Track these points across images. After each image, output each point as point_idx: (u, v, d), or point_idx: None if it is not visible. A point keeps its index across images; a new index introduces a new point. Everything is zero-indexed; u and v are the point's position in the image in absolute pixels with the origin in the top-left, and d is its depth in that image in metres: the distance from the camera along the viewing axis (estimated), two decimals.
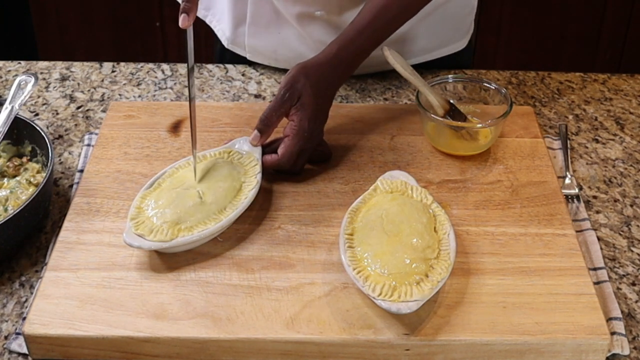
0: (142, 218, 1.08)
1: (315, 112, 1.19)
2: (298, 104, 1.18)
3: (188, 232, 1.07)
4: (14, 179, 1.17)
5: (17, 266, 1.11)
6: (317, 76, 1.19)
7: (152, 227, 1.06)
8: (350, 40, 1.22)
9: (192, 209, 1.09)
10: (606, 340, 0.98)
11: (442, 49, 1.48)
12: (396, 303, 0.96)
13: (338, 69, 1.22)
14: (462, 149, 1.25)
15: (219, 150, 1.19)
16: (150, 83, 1.46)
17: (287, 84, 1.18)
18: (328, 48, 1.22)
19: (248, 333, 0.98)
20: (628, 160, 1.30)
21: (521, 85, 1.47)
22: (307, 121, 1.18)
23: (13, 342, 1.01)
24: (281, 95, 1.18)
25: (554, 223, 1.13)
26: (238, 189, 1.14)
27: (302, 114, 1.18)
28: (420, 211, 1.07)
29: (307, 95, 1.18)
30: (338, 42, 1.22)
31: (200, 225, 1.08)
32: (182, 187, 1.12)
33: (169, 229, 1.06)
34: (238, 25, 1.46)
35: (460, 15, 1.48)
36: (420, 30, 1.44)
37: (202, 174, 1.14)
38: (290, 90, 1.17)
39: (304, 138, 1.18)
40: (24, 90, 1.25)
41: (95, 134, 1.32)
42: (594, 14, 2.70)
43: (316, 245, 1.10)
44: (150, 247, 1.05)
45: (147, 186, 1.13)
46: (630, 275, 1.11)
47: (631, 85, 1.47)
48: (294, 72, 1.19)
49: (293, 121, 1.18)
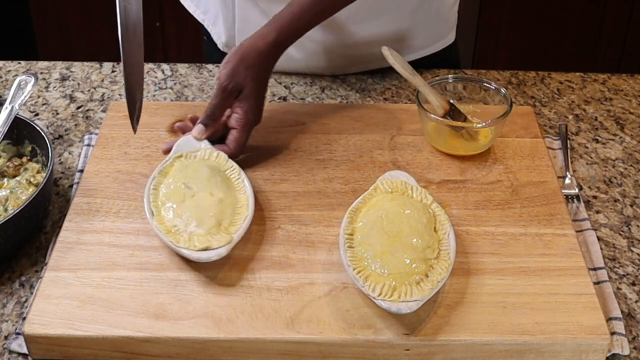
0: (185, 236, 1.06)
1: (257, 102, 1.21)
2: (241, 96, 1.20)
3: (233, 228, 1.08)
4: (14, 179, 1.17)
5: (17, 266, 1.11)
6: (257, 66, 1.20)
7: (205, 239, 1.05)
8: (288, 25, 1.22)
9: (215, 208, 1.09)
10: (606, 340, 0.98)
11: (432, 46, 1.48)
12: (396, 303, 0.96)
13: (276, 55, 1.23)
14: (462, 149, 1.25)
15: (169, 161, 1.17)
16: (150, 83, 1.46)
17: (228, 77, 1.18)
18: (266, 31, 1.21)
19: (248, 333, 0.98)
20: (628, 160, 1.30)
21: (521, 85, 1.47)
22: (252, 112, 1.20)
23: (13, 342, 1.01)
24: (223, 88, 1.18)
25: (554, 223, 1.13)
26: (227, 177, 1.15)
27: (246, 105, 1.20)
28: (420, 211, 1.07)
29: (249, 87, 1.19)
30: (276, 26, 1.22)
31: (234, 217, 1.09)
32: (188, 195, 1.11)
33: (217, 232, 1.06)
34: (229, 28, 1.46)
35: (444, 8, 1.48)
36: (409, 28, 1.43)
37: (183, 176, 1.14)
38: (233, 84, 1.18)
39: (250, 128, 1.21)
40: (24, 90, 1.25)
41: (95, 134, 1.32)
42: (594, 14, 2.70)
43: (316, 245, 1.10)
44: (220, 254, 1.04)
45: (149, 208, 1.10)
46: (630, 275, 1.11)
47: (631, 85, 1.47)
48: (233, 63, 1.19)
49: (237, 113, 1.20)
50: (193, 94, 1.43)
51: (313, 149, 1.26)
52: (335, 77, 1.47)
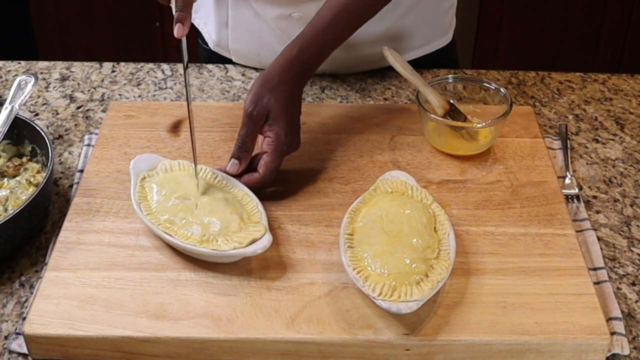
0: (221, 239, 1.05)
1: (289, 124, 1.16)
2: (270, 120, 1.15)
3: (254, 217, 1.08)
4: (14, 179, 1.17)
5: (17, 266, 1.11)
6: (281, 85, 1.16)
7: (245, 234, 1.05)
8: (311, 42, 1.19)
9: (228, 206, 1.09)
10: (606, 340, 0.98)
11: (426, 47, 1.48)
12: (396, 303, 0.96)
13: (300, 72, 1.19)
14: (462, 149, 1.25)
15: (137, 186, 1.13)
16: (150, 83, 1.46)
17: (252, 103, 1.14)
18: (287, 51, 1.19)
19: (248, 333, 0.98)
20: (628, 160, 1.30)
21: (521, 85, 1.47)
22: (284, 135, 1.15)
23: (13, 342, 1.01)
24: (248, 115, 1.14)
25: (554, 223, 1.13)
26: (206, 180, 1.13)
27: (276, 128, 1.15)
28: (420, 211, 1.07)
29: (275, 109, 1.15)
30: (298, 43, 1.19)
31: (246, 209, 1.10)
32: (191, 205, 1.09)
33: (246, 225, 1.06)
34: (221, 28, 1.46)
35: (440, 11, 1.48)
36: (406, 27, 1.43)
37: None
38: (257, 109, 1.14)
39: (283, 152, 1.16)
40: (24, 90, 1.25)
41: (95, 134, 1.32)
42: (594, 14, 2.70)
43: (316, 245, 1.10)
44: (270, 240, 1.04)
45: (166, 234, 1.08)
46: (630, 275, 1.11)
47: (631, 85, 1.47)
48: (256, 87, 1.16)
49: (269, 137, 1.15)
50: (193, 94, 1.43)
51: (313, 149, 1.26)
52: (335, 77, 1.47)
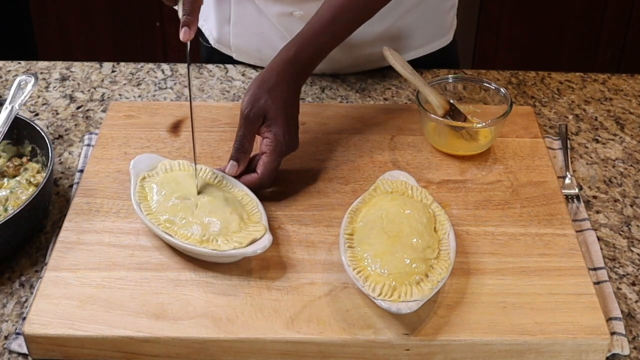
0: (221, 239, 1.05)
1: (288, 124, 1.16)
2: (268, 121, 1.15)
3: (254, 217, 1.08)
4: (14, 179, 1.17)
5: (17, 266, 1.11)
6: (279, 87, 1.16)
7: (245, 234, 1.05)
8: (309, 42, 1.19)
9: (227, 206, 1.09)
10: (606, 340, 0.98)
11: (426, 47, 1.48)
12: (396, 303, 0.96)
13: (298, 72, 1.19)
14: (462, 149, 1.25)
15: (137, 186, 1.13)
16: (150, 83, 1.46)
17: (249, 104, 1.14)
18: (285, 51, 1.19)
19: (248, 333, 0.98)
20: (628, 160, 1.30)
21: (521, 85, 1.47)
22: (282, 135, 1.15)
23: (13, 342, 1.01)
24: (245, 116, 1.14)
25: (554, 223, 1.13)
26: (207, 180, 1.13)
27: (275, 129, 1.14)
28: (420, 211, 1.07)
29: (273, 110, 1.14)
30: (296, 44, 1.19)
31: (245, 209, 1.10)
32: (191, 205, 1.09)
33: (247, 225, 1.07)
34: (223, 24, 1.46)
35: (441, 11, 1.48)
36: (407, 26, 1.43)
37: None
38: (254, 110, 1.14)
39: (281, 153, 1.15)
40: (24, 90, 1.25)
41: (95, 134, 1.32)
42: (594, 14, 2.70)
43: (316, 245, 1.10)
44: (270, 240, 1.04)
45: (166, 234, 1.08)
46: (630, 275, 1.11)
47: (631, 85, 1.47)
48: (253, 88, 1.15)
49: (267, 138, 1.15)
50: (193, 94, 1.43)
51: (313, 149, 1.26)
52: (335, 77, 1.47)
